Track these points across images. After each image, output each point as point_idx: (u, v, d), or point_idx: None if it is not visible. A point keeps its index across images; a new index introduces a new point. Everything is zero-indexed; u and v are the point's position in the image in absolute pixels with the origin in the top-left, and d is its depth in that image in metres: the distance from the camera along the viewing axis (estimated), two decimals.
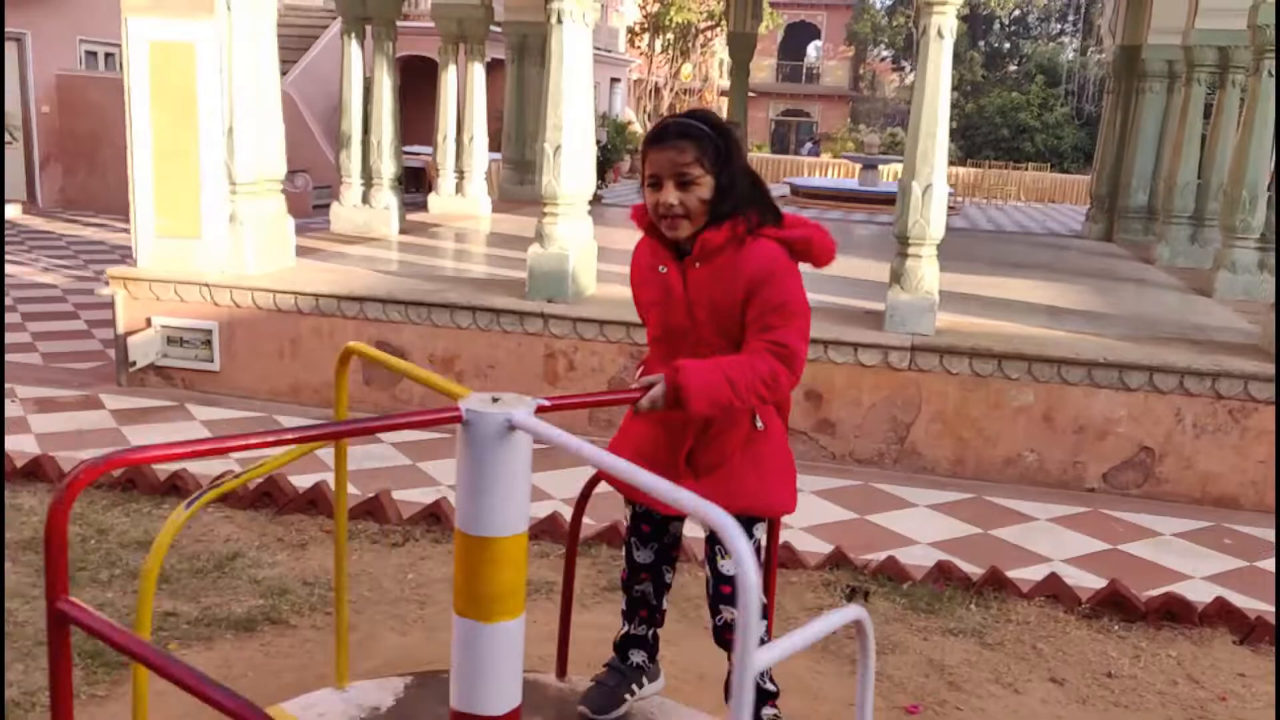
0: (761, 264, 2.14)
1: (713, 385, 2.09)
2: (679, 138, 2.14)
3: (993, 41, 38.38)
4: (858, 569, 3.90)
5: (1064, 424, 5.25)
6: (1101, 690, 3.25)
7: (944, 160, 5.26)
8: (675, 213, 2.15)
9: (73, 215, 13.92)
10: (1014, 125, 29.25)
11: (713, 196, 2.16)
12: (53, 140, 15.17)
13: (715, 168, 2.14)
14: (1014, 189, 23.30)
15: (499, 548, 1.86)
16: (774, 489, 2.33)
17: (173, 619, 3.36)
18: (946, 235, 5.39)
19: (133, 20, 5.89)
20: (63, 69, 14.92)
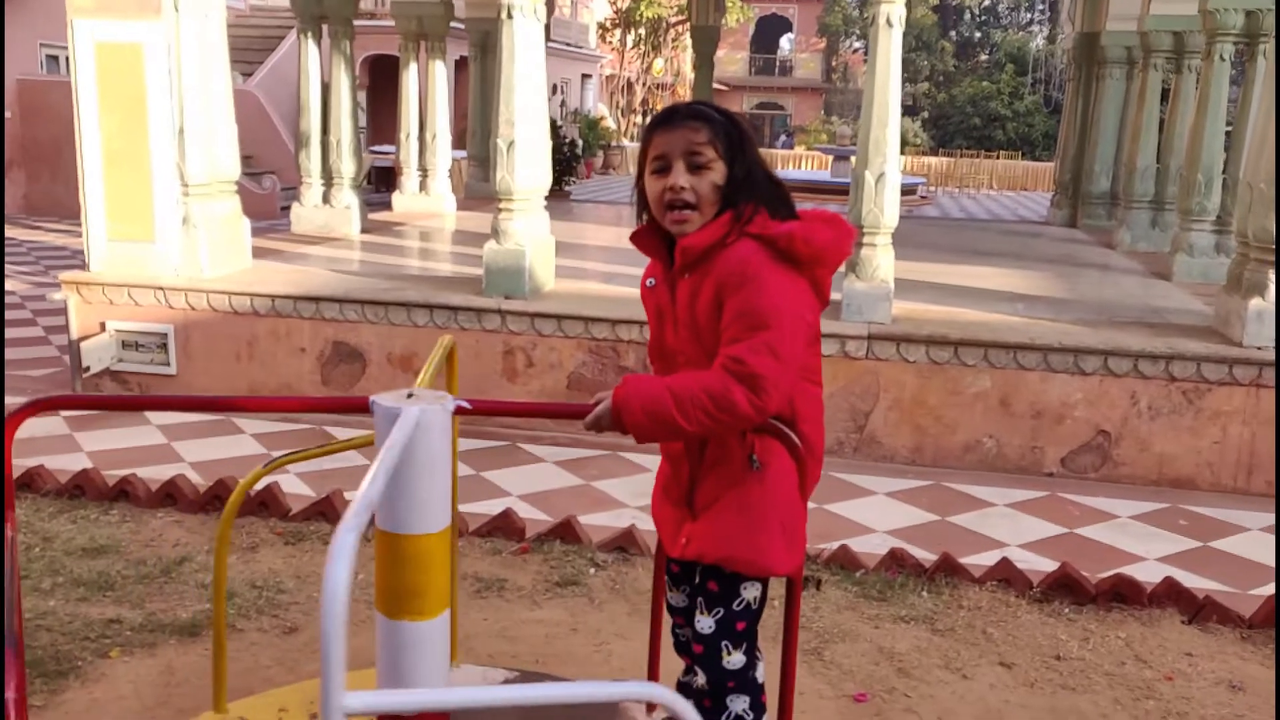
0: (730, 267, 1.85)
1: (651, 400, 1.83)
2: (692, 118, 1.93)
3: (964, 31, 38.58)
4: (810, 559, 3.90)
5: (1021, 409, 5.28)
6: (1050, 673, 3.27)
7: (896, 149, 5.26)
8: (684, 199, 1.89)
9: (36, 221, 13.76)
10: (985, 114, 29.44)
11: (725, 186, 1.90)
12: (15, 145, 14.98)
13: (728, 155, 1.91)
14: (986, 177, 23.42)
15: (416, 545, 1.84)
16: (762, 541, 1.96)
17: (116, 625, 3.32)
18: (912, 224, 5.41)
19: (79, 21, 5.81)
20: (24, 73, 14.74)
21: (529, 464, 5.15)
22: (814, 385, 2.03)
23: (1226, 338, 5.35)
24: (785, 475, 1.98)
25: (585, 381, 5.59)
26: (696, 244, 1.90)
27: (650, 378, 1.89)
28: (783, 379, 1.82)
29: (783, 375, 1.82)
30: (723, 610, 2.02)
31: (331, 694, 0.99)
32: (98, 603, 3.48)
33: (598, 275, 6.71)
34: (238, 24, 17.66)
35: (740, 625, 2.04)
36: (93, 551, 3.86)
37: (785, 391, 1.85)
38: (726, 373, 1.82)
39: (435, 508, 1.78)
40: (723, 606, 2.02)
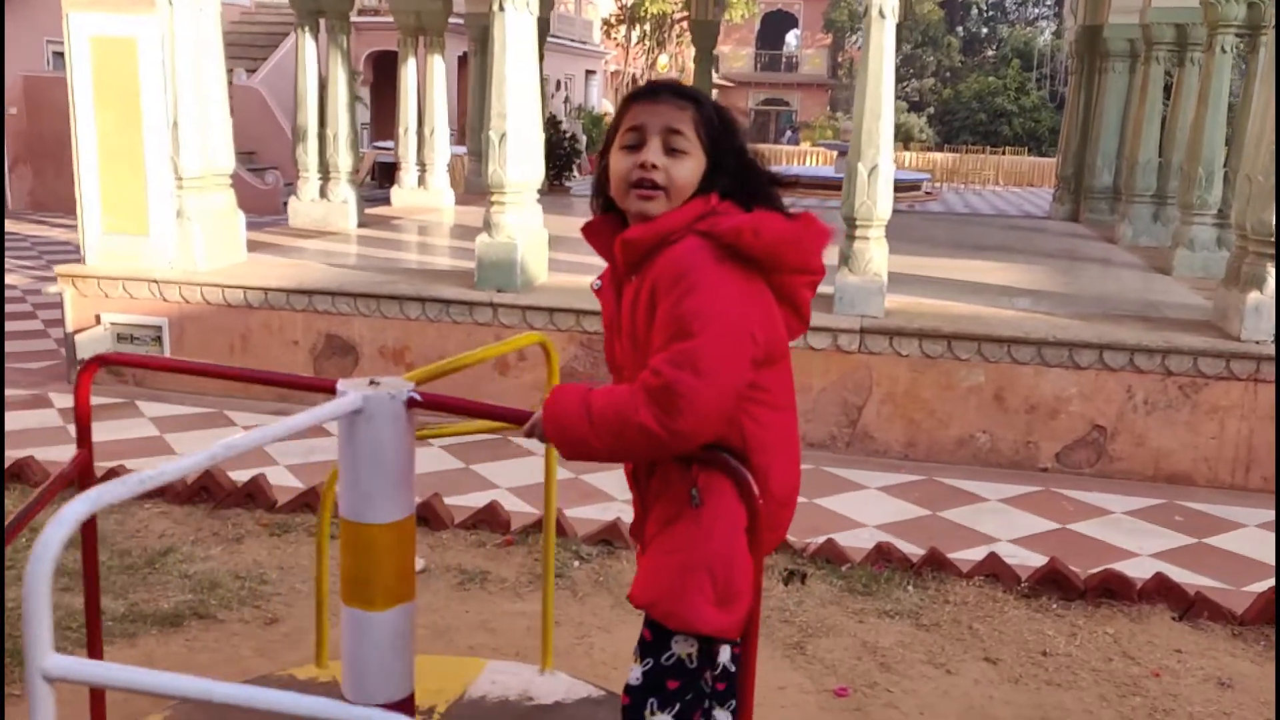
0: (664, 267, 1.61)
1: (567, 415, 1.62)
2: (678, 96, 1.70)
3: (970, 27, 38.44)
4: (796, 552, 3.88)
5: (1015, 404, 5.24)
6: (1035, 669, 3.24)
7: (890, 141, 5.23)
8: (654, 178, 1.65)
9: (41, 217, 13.81)
10: (991, 110, 29.33)
11: (703, 179, 1.69)
12: (21, 142, 15.04)
13: (711, 145, 1.69)
14: (992, 173, 23.34)
15: (359, 533, 1.83)
16: (686, 591, 1.66)
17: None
18: (913, 219, 5.38)
19: (74, 16, 5.82)
20: (29, 70, 14.79)
21: (519, 457, 5.14)
22: (775, 410, 1.71)
23: (1225, 332, 5.31)
24: (727, 517, 1.66)
25: (577, 375, 5.57)
26: (637, 236, 1.66)
27: (577, 387, 1.67)
28: (704, 398, 1.54)
29: (704, 393, 1.53)
30: (652, 662, 1.78)
31: (34, 655, 0.95)
32: (80, 593, 3.47)
33: (593, 269, 6.68)
34: (242, 20, 17.71)
35: (671, 684, 1.78)
36: (77, 542, 3.85)
37: (713, 413, 1.57)
38: (641, 388, 1.58)
39: (380, 499, 1.75)
40: (653, 658, 1.78)
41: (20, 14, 14.47)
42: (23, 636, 1.03)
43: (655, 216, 1.66)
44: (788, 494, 1.79)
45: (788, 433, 1.77)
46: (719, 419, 1.60)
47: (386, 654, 1.80)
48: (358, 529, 1.77)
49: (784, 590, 3.65)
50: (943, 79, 35.31)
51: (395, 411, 1.71)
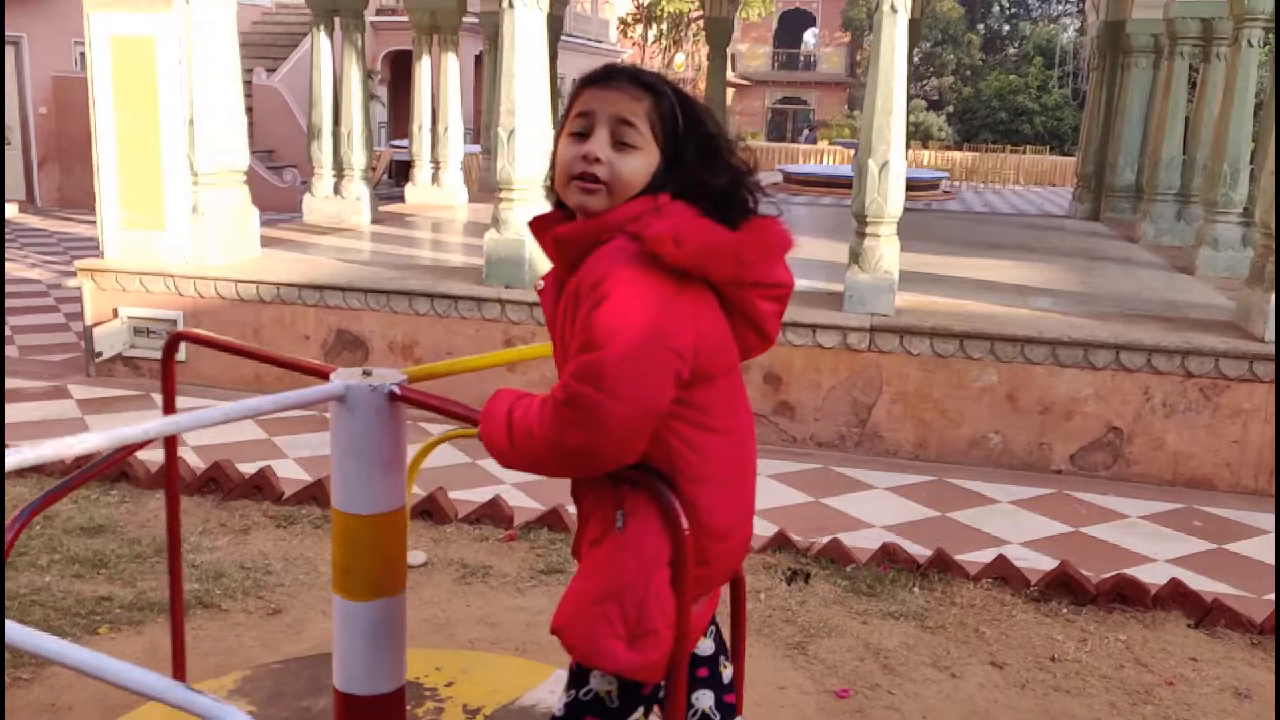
0: (588, 269, 1.47)
1: (493, 423, 1.54)
2: (634, 83, 1.54)
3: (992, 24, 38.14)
4: (800, 551, 3.85)
5: (1029, 404, 5.18)
6: (1043, 674, 3.19)
7: (902, 138, 5.18)
8: (596, 171, 1.50)
9: (68, 214, 13.96)
10: (1012, 108, 29.09)
11: (654, 178, 1.53)
12: (50, 141, 15.23)
13: (667, 141, 1.54)
14: (1012, 172, 23.14)
15: (341, 520, 1.82)
16: (593, 623, 1.52)
17: (106, 603, 3.36)
18: (929, 217, 5.32)
19: (94, 15, 5.86)
20: (58, 71, 14.97)
21: None
22: (711, 433, 1.54)
23: (1248, 333, 5.22)
24: (648, 547, 1.51)
25: None
26: (567, 234, 1.54)
27: (509, 395, 1.57)
28: (610, 415, 1.41)
29: (610, 410, 1.41)
30: (574, 694, 1.63)
31: None
32: (91, 580, 3.52)
33: None
34: (263, 21, 17.81)
35: None
36: (90, 530, 3.90)
37: (620, 432, 1.43)
38: (550, 401, 1.48)
39: (360, 489, 1.74)
40: (575, 690, 1.64)
41: (49, 16, 14.62)
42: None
43: (596, 212, 1.52)
44: (725, 527, 1.57)
45: (728, 458, 1.57)
46: (630, 439, 1.45)
47: (366, 645, 1.79)
48: (341, 518, 1.77)
49: (787, 590, 3.62)
50: (963, 77, 35.04)
51: (377, 403, 1.70)
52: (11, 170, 14.73)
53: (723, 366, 1.55)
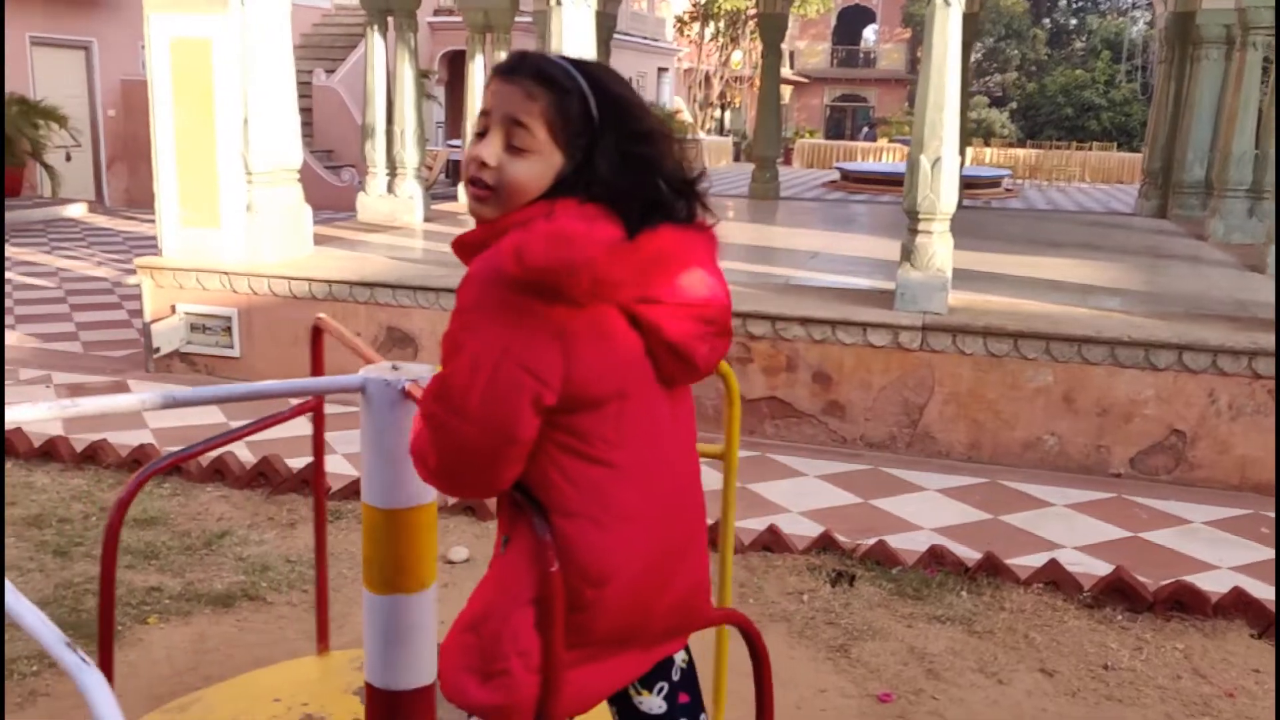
0: (461, 282, 1.37)
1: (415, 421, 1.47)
2: (535, 78, 1.39)
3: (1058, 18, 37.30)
4: (845, 553, 3.78)
5: (1086, 406, 5.04)
6: (1095, 683, 3.10)
7: (955, 134, 5.07)
8: (484, 176, 1.39)
9: (134, 213, 14.35)
10: (1078, 103, 28.41)
11: (552, 183, 1.39)
12: (118, 142, 15.71)
13: (570, 142, 1.38)
14: (1078, 169, 22.62)
15: (400, 520, 1.83)
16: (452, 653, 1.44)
17: (156, 593, 3.43)
18: (989, 215, 5.20)
19: (154, 18, 6.00)
20: (126, 74, 15.41)
21: None
22: (594, 464, 1.37)
23: None
24: (514, 579, 1.40)
25: None
26: (460, 241, 1.44)
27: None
28: (456, 435, 1.33)
29: (456, 430, 1.33)
30: None
31: None
32: (142, 570, 3.60)
33: None
34: (322, 23, 18.13)
35: None
36: (143, 522, 3.99)
37: (468, 454, 1.34)
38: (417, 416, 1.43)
39: (378, 484, 1.75)
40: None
41: (118, 21, 15.07)
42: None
43: (489, 220, 1.40)
44: (604, 571, 1.37)
45: (618, 496, 1.38)
46: (488, 464, 1.34)
47: (383, 639, 1.79)
48: (366, 511, 1.77)
49: (831, 591, 3.57)
50: (1027, 72, 34.34)
51: (391, 397, 1.69)
52: (81, 171, 15.23)
53: (609, 392, 1.36)
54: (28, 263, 9.92)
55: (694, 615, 1.51)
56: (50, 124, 12.64)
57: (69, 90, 14.97)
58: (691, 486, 1.49)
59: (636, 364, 1.39)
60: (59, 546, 3.71)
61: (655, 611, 1.43)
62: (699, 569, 1.50)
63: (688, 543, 1.47)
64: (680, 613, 1.48)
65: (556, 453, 1.37)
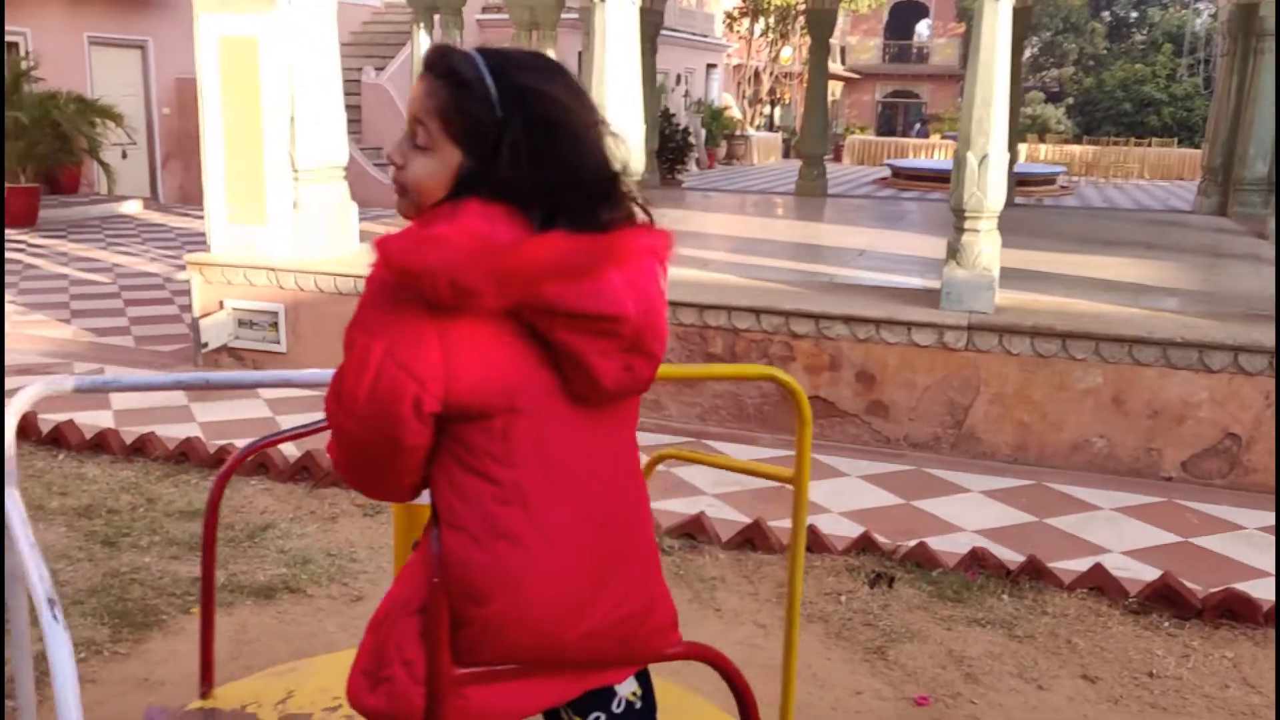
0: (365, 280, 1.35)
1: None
2: (436, 73, 1.34)
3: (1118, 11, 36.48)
4: (885, 554, 3.74)
5: (1137, 408, 4.92)
6: (1139, 690, 3.03)
7: (1003, 130, 4.97)
8: (400, 179, 1.37)
9: (188, 209, 14.65)
10: (1138, 98, 27.75)
11: (451, 182, 1.33)
12: (172, 140, 16.05)
13: (469, 138, 1.31)
14: (1136, 166, 22.12)
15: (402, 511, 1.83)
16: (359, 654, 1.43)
17: (199, 583, 3.48)
18: (1043, 213, 5.10)
19: (204, 17, 6.11)
20: (181, 73, 15.72)
21: None
22: (483, 480, 1.31)
23: None
24: (408, 586, 1.39)
25: None
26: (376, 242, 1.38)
27: None
28: (347, 432, 1.32)
29: (347, 428, 1.31)
30: None
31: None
32: (187, 561, 3.67)
33: (692, 262, 6.63)
34: (373, 21, 18.35)
35: None
36: (189, 514, 4.07)
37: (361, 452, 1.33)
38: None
39: None
40: None
41: (173, 20, 15.39)
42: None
43: (409, 219, 1.37)
44: (485, 589, 1.31)
45: (500, 512, 1.32)
46: (379, 465, 1.33)
47: None
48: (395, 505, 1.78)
49: (869, 593, 3.53)
50: (1085, 67, 33.64)
51: None
52: (137, 168, 15.59)
53: (494, 406, 1.28)
54: (84, 259, 10.18)
55: (635, 646, 1.41)
56: (107, 122, 12.94)
57: (125, 89, 15.32)
58: (622, 513, 1.39)
59: (531, 378, 1.30)
60: (107, 536, 3.80)
61: (566, 638, 1.35)
62: (640, 598, 1.41)
63: (617, 570, 1.38)
64: (612, 642, 1.39)
65: (449, 462, 1.32)
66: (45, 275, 9.34)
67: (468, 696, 1.35)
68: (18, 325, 7.39)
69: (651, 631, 1.43)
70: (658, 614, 1.44)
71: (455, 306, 1.23)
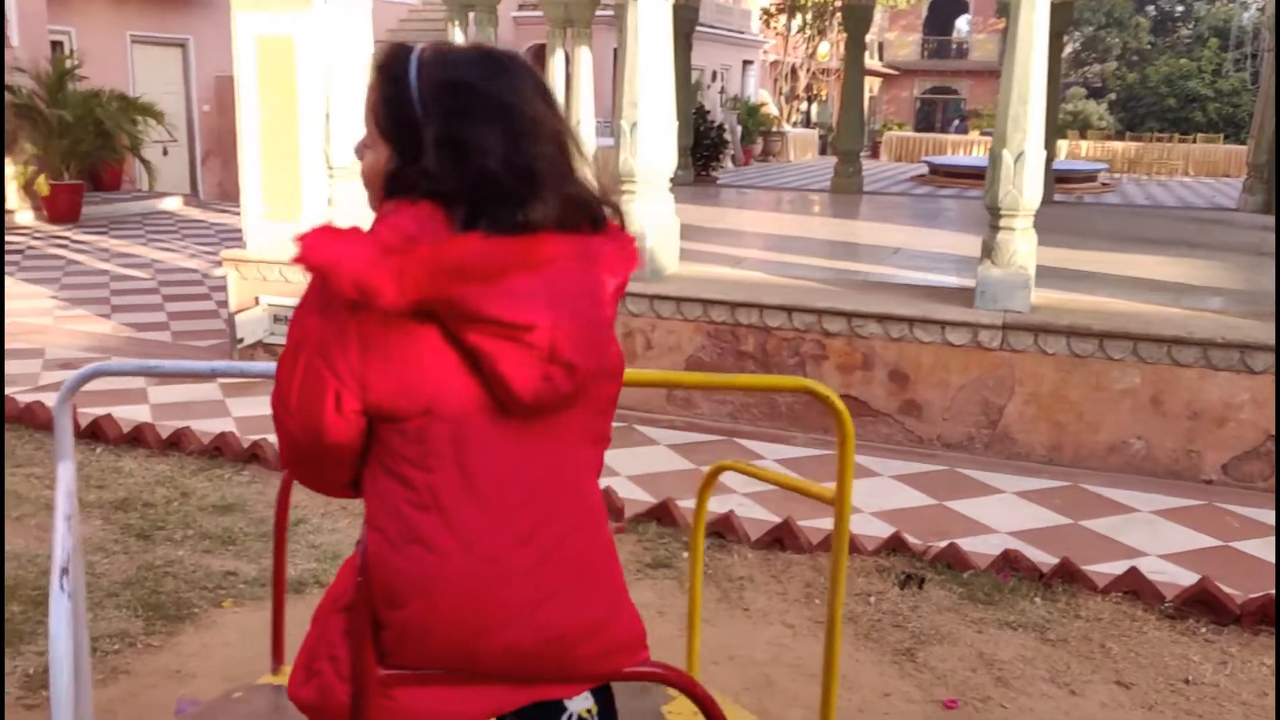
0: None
1: None
2: (375, 68, 1.35)
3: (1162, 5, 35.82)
4: (915, 555, 3.70)
5: (1176, 409, 4.82)
6: (1174, 697, 2.97)
7: (1039, 128, 4.89)
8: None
9: (227, 206, 14.86)
10: (1182, 94, 27.24)
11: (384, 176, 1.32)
12: (212, 137, 16.27)
13: (395, 134, 1.30)
14: (1180, 162, 21.70)
15: None
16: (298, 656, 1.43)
17: (232, 578, 3.53)
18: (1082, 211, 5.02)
19: (241, 16, 6.19)
20: (221, 71, 15.94)
21: (642, 445, 5.12)
22: (396, 481, 1.29)
23: None
24: (342, 582, 1.40)
25: (704, 365, 5.51)
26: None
27: None
28: (282, 424, 1.32)
29: (282, 420, 1.32)
30: None
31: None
32: (220, 555, 3.71)
33: (727, 259, 6.61)
34: (409, 18, 18.46)
35: None
36: (222, 508, 4.12)
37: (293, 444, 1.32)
38: None
39: None
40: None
41: (214, 19, 15.60)
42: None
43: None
44: (399, 593, 1.29)
45: (412, 517, 1.29)
46: (311, 458, 1.32)
47: None
48: None
49: (899, 594, 3.49)
50: (1128, 62, 33.07)
51: None
52: (177, 165, 15.83)
53: (410, 409, 1.26)
54: (125, 254, 10.35)
55: (578, 664, 1.36)
56: (148, 120, 13.15)
57: (166, 87, 15.56)
58: (562, 529, 1.33)
59: (451, 383, 1.26)
60: (142, 530, 3.85)
61: (483, 649, 1.31)
62: (585, 616, 1.34)
63: (552, 587, 1.32)
64: (545, 659, 1.34)
65: (373, 463, 1.31)
66: (87, 271, 9.51)
67: (394, 697, 1.33)
68: (60, 320, 7.54)
69: (603, 651, 1.37)
70: (611, 633, 1.37)
71: (363, 305, 1.21)
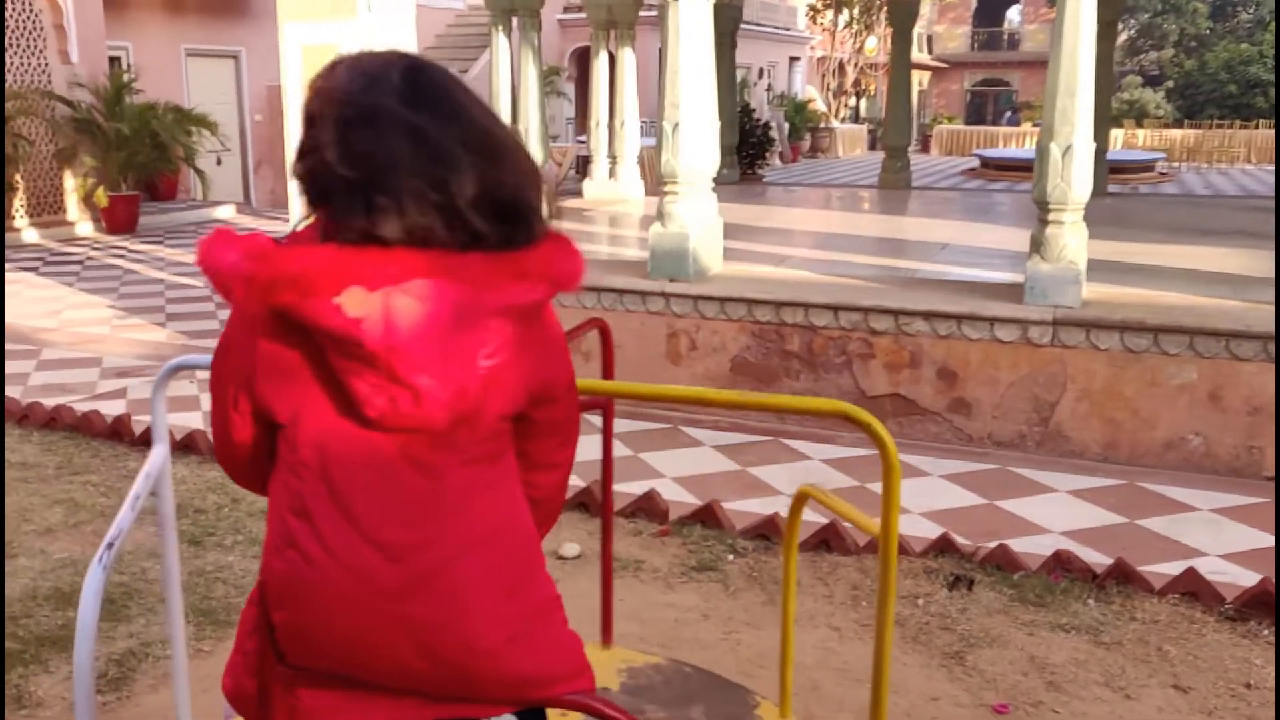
0: None
1: None
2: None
3: None
4: (964, 556, 3.64)
5: (1235, 404, 4.69)
6: (1235, 702, 2.89)
7: (1088, 119, 4.78)
8: None
9: (279, 214, 15.13)
10: (1243, 80, 26.48)
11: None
12: (264, 146, 16.59)
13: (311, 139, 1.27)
14: (1242, 150, 21.12)
15: None
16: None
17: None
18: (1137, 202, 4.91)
19: (287, 26, 6.30)
20: (272, 81, 16.25)
21: (688, 447, 5.11)
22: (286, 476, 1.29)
23: None
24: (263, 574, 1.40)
25: (748, 365, 5.48)
26: None
27: None
28: (212, 420, 1.36)
29: (212, 415, 1.36)
30: None
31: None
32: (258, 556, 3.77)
33: (771, 258, 6.57)
34: (456, 23, 18.66)
35: None
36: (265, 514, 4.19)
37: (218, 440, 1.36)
38: None
39: None
40: None
41: (263, 29, 15.91)
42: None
43: None
44: (278, 596, 1.29)
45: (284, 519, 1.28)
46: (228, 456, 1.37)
47: None
48: None
49: (947, 596, 3.44)
50: (1186, 49, 32.24)
51: None
52: (230, 174, 16.17)
53: (283, 415, 1.27)
54: (180, 263, 10.58)
55: (484, 686, 1.31)
56: (202, 130, 13.45)
57: (220, 97, 15.90)
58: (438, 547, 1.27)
59: (314, 393, 1.25)
60: (193, 536, 3.92)
61: (372, 662, 1.28)
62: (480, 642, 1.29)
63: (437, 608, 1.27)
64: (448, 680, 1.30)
65: (277, 466, 1.31)
66: (143, 280, 9.75)
67: (299, 696, 1.32)
68: (116, 329, 7.74)
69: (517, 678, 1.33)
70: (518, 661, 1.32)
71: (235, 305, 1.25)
